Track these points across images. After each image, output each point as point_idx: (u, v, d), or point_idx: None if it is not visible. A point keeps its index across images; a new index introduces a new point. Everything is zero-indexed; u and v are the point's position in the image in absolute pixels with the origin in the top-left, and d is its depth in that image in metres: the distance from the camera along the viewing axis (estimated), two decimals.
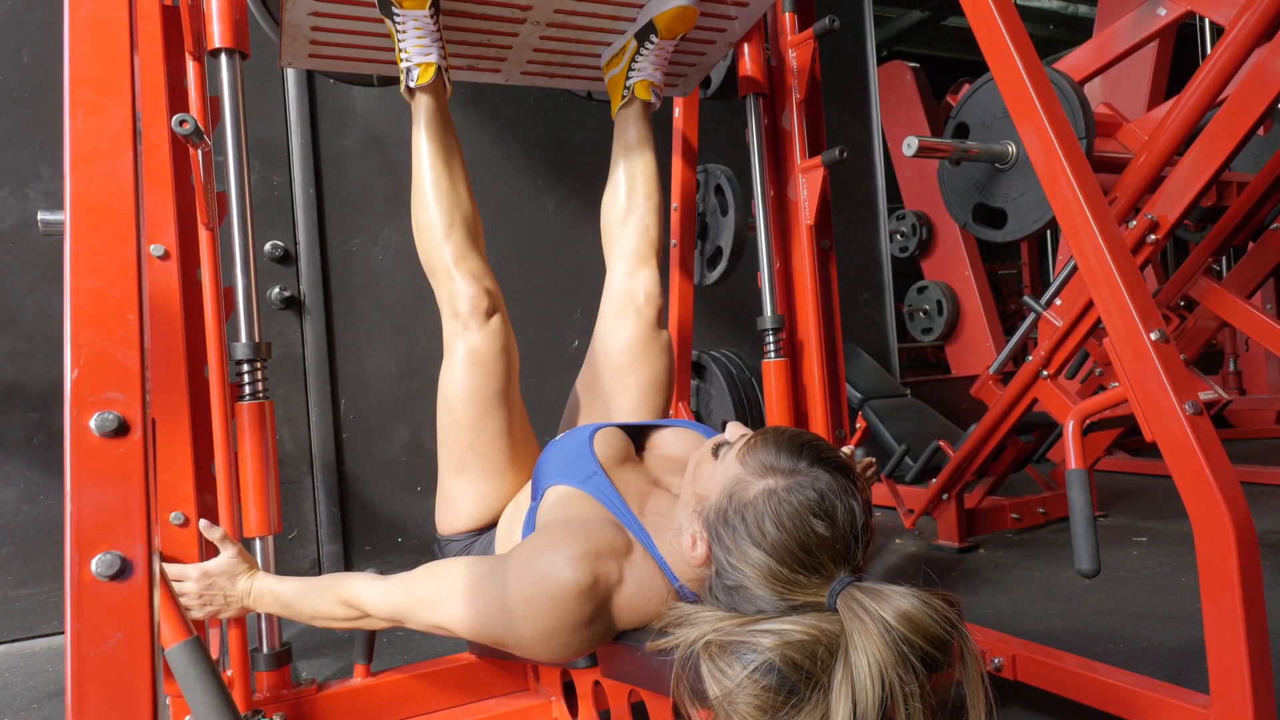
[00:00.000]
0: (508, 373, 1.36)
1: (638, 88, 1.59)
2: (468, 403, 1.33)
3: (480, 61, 1.65)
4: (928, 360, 5.85)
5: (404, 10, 1.36)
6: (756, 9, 1.63)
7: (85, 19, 0.79)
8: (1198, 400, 1.19)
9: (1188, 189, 2.16)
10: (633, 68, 1.60)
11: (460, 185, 1.43)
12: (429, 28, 1.38)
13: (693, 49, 1.73)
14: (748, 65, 1.94)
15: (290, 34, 1.49)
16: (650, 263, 1.58)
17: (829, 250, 2.00)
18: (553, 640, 1.04)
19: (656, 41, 1.55)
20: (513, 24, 1.54)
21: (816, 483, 0.93)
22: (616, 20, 1.57)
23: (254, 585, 1.33)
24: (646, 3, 1.53)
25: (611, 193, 1.64)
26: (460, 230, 1.39)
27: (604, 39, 1.63)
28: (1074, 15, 7.36)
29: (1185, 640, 1.82)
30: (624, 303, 1.55)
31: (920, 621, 0.83)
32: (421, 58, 1.40)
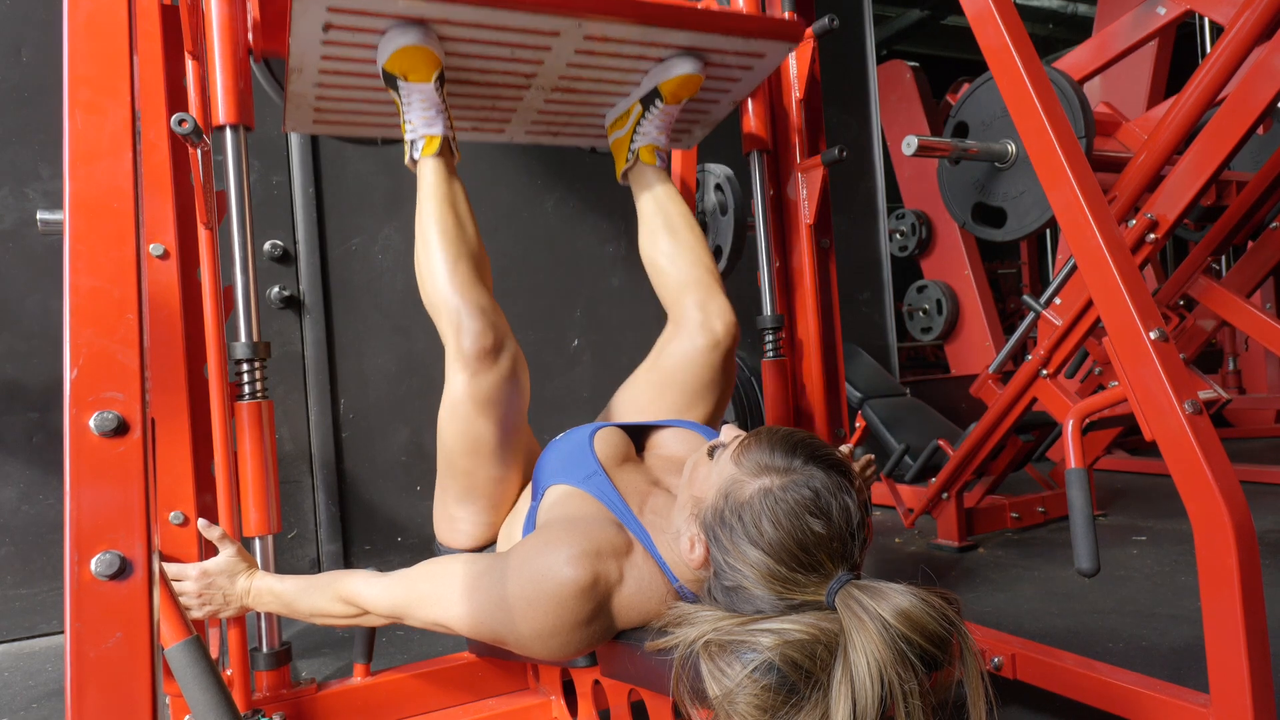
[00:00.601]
0: (516, 416, 1.27)
1: (642, 152, 1.58)
2: (468, 452, 1.26)
3: (485, 124, 1.64)
4: (927, 359, 5.85)
5: (409, 84, 1.34)
6: (763, 69, 1.60)
7: (84, 18, 0.79)
8: (1197, 399, 1.19)
9: (1187, 188, 2.16)
10: (637, 132, 1.58)
11: (467, 226, 1.35)
12: (434, 100, 1.36)
13: (698, 108, 1.71)
14: (752, 121, 1.92)
15: (295, 103, 1.49)
16: (719, 292, 1.50)
17: (828, 249, 2.00)
18: (552, 639, 1.04)
19: (661, 106, 1.54)
20: (518, 90, 1.53)
21: (812, 481, 0.93)
22: (621, 85, 1.55)
23: (253, 584, 1.33)
24: (651, 69, 1.52)
25: (649, 235, 1.59)
26: (466, 265, 1.30)
27: (608, 101, 1.61)
28: (1073, 14, 7.36)
29: (1185, 639, 1.82)
30: (697, 334, 1.46)
31: (919, 619, 0.83)
32: (426, 129, 1.36)
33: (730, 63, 1.54)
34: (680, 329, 1.49)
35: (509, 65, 1.45)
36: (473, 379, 1.22)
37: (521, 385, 1.27)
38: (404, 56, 1.32)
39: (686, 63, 1.49)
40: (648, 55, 1.47)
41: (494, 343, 1.23)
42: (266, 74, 1.63)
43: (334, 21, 1.27)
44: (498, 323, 1.25)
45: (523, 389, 1.27)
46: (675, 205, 1.58)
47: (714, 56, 1.51)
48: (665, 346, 1.50)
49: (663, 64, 1.50)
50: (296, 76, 1.41)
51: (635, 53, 1.46)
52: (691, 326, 1.47)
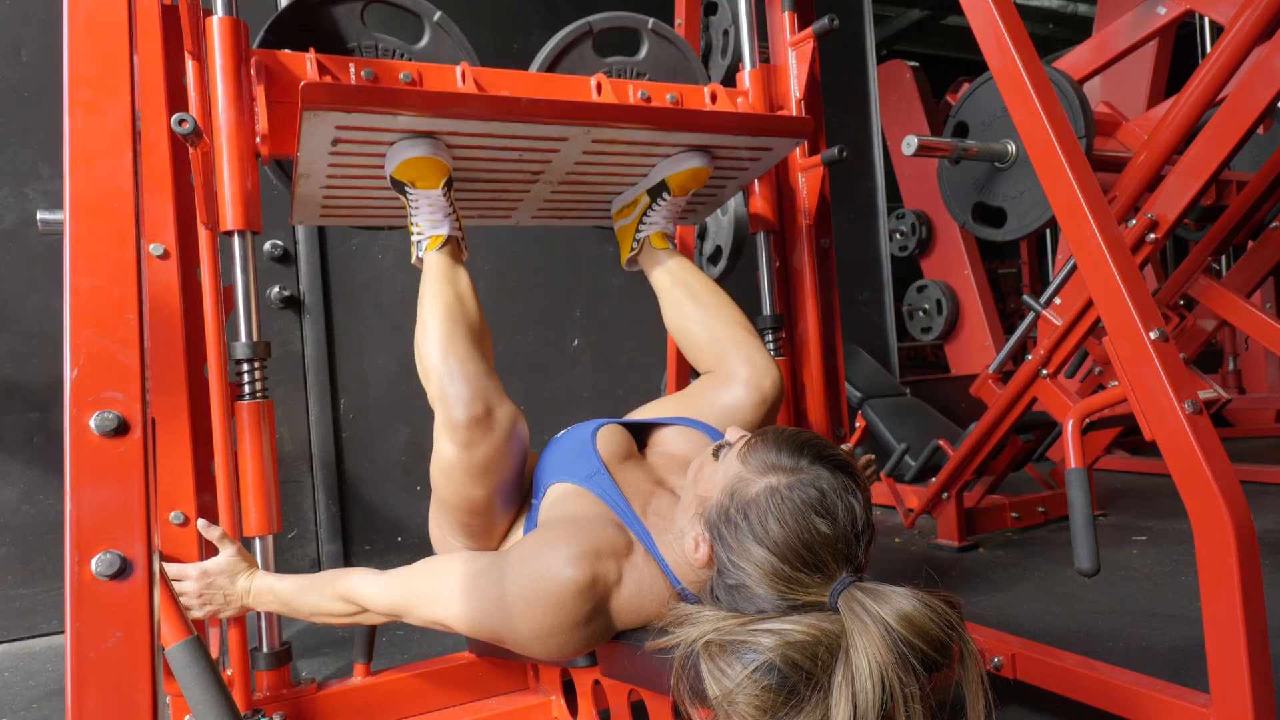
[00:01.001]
0: (509, 478, 1.23)
1: (652, 239, 1.57)
2: (461, 509, 1.23)
3: (491, 212, 1.64)
4: (927, 359, 5.86)
5: (417, 190, 1.34)
6: (769, 160, 1.59)
7: (84, 18, 0.79)
8: (1197, 399, 1.19)
9: (1187, 188, 2.16)
10: (644, 221, 1.58)
11: (469, 302, 1.31)
12: (441, 205, 1.35)
13: (704, 192, 1.71)
14: (758, 202, 1.91)
15: (302, 202, 1.50)
16: (763, 349, 1.46)
17: (828, 249, 1.99)
18: (550, 638, 1.04)
19: (669, 199, 1.53)
20: (525, 184, 1.53)
21: (818, 481, 0.93)
22: (629, 176, 1.55)
23: (253, 584, 1.33)
24: (659, 162, 1.51)
25: (675, 307, 1.54)
26: (462, 336, 1.24)
27: (615, 191, 1.61)
28: (1073, 14, 7.36)
29: (1185, 639, 1.82)
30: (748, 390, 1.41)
31: (921, 624, 0.83)
32: (433, 231, 1.36)
33: (739, 155, 1.54)
34: (727, 383, 1.43)
35: (517, 166, 1.45)
36: (464, 450, 1.16)
37: (517, 445, 1.21)
38: (412, 166, 1.31)
39: (695, 158, 1.48)
40: (655, 152, 1.47)
41: (483, 411, 1.15)
42: (276, 170, 1.64)
43: (343, 136, 1.27)
44: (488, 391, 1.18)
45: (519, 448, 1.22)
46: (692, 274, 1.56)
47: (722, 151, 1.51)
48: (707, 394, 1.44)
49: (671, 158, 1.49)
50: (304, 181, 1.42)
51: (643, 151, 1.46)
52: (739, 382, 1.42)
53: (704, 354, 1.50)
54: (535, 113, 1.29)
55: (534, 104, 1.29)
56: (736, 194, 1.77)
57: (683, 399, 1.47)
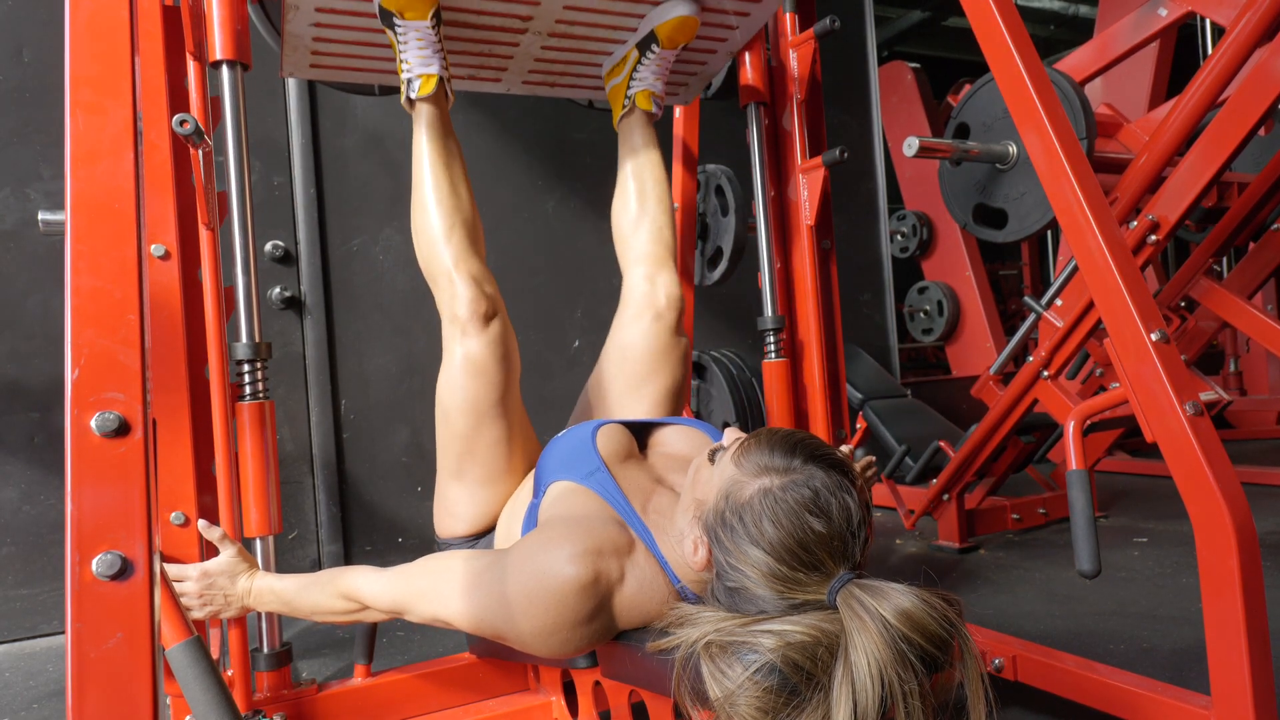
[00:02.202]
0: (507, 380, 1.34)
1: (639, 97, 1.59)
2: (465, 411, 1.31)
3: (481, 71, 1.65)
4: (928, 361, 5.85)
5: (405, 21, 1.35)
6: (758, 18, 1.62)
7: (86, 19, 0.79)
8: (1198, 401, 1.19)
9: (1188, 189, 2.16)
10: (634, 78, 1.59)
11: (461, 190, 1.41)
12: (430, 38, 1.37)
13: (694, 58, 1.72)
14: (749, 73, 1.94)
15: (291, 44, 1.49)
16: (668, 266, 1.56)
17: (829, 250, 2.00)
18: (552, 637, 1.04)
19: (658, 51, 1.55)
20: (514, 34, 1.54)
21: (811, 480, 0.93)
22: (618, 30, 1.56)
23: (254, 584, 1.33)
24: (648, 13, 1.53)
25: (621, 199, 1.64)
26: (460, 233, 1.37)
27: (605, 49, 1.62)
28: (1075, 15, 7.36)
29: (1186, 641, 1.82)
30: (643, 307, 1.53)
31: (919, 620, 0.83)
32: (423, 69, 1.39)
33: (726, 7, 1.55)
34: (627, 303, 1.56)
35: (505, 6, 1.46)
36: (465, 340, 1.30)
37: (511, 352, 1.34)
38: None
39: (682, 5, 1.50)
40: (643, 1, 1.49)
41: (487, 309, 1.32)
42: (263, 17, 1.63)
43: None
44: (489, 291, 1.34)
45: (512, 355, 1.35)
46: (652, 173, 1.61)
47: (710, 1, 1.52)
48: (616, 322, 1.56)
49: (659, 7, 1.51)
50: (293, 14, 1.41)
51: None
52: (637, 297, 1.54)
53: (623, 257, 1.61)
54: None
55: None
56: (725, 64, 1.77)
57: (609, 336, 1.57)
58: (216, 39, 1.39)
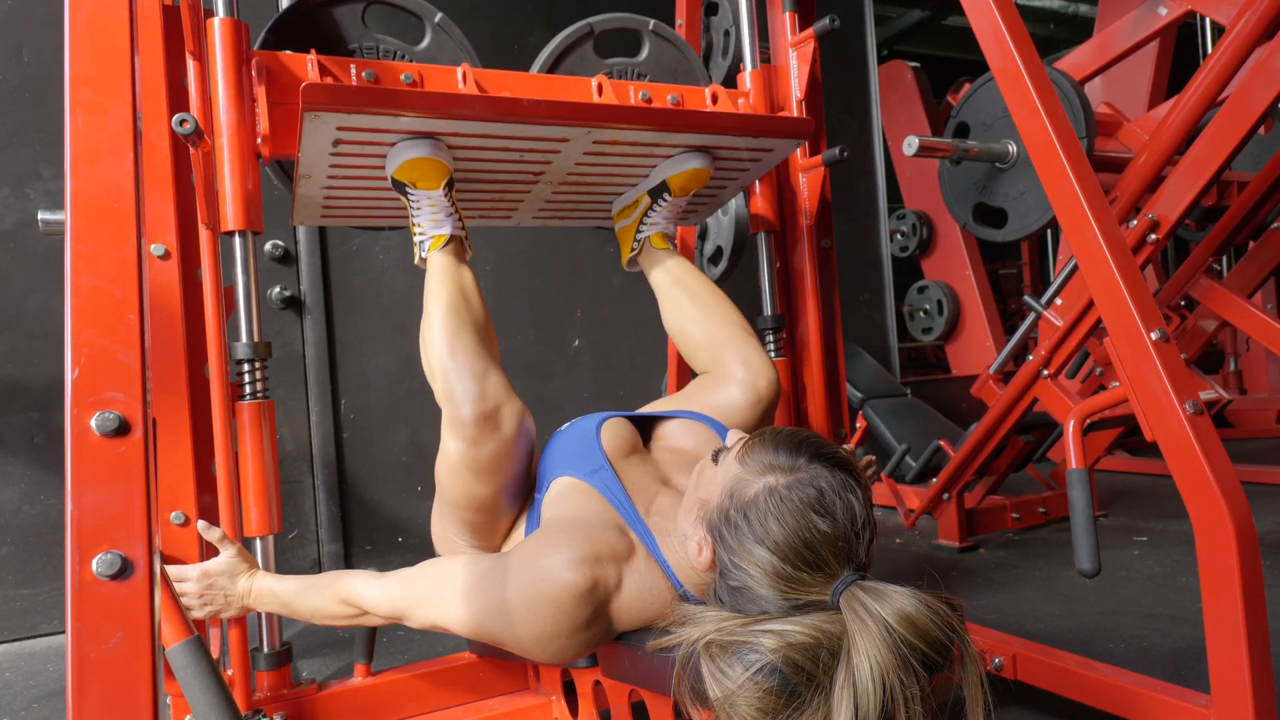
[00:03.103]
0: (514, 475, 1.22)
1: (652, 239, 1.57)
2: (467, 506, 1.22)
3: (492, 212, 1.64)
4: (928, 360, 5.85)
5: (418, 191, 1.34)
6: (770, 161, 1.59)
7: (85, 19, 0.79)
8: (1198, 400, 1.19)
9: (1188, 188, 2.16)
10: (644, 222, 1.58)
11: (474, 300, 1.32)
12: (443, 204, 1.35)
13: (705, 193, 1.71)
14: (759, 203, 1.90)
15: (303, 203, 1.50)
16: (760, 349, 1.46)
17: (829, 250, 1.99)
18: (551, 642, 1.04)
19: (670, 199, 1.54)
20: (526, 184, 1.53)
21: (817, 479, 0.93)
22: (629, 177, 1.55)
23: (254, 584, 1.33)
24: (660, 163, 1.51)
25: (674, 307, 1.55)
26: (469, 334, 1.24)
27: (616, 191, 1.61)
28: (1075, 14, 7.36)
29: (1186, 640, 1.82)
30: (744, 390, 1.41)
31: (922, 624, 0.83)
32: (435, 231, 1.36)
33: (740, 157, 1.54)
34: (723, 383, 1.43)
35: (518, 167, 1.45)
36: (471, 448, 1.15)
37: (525, 442, 1.21)
38: (413, 167, 1.31)
39: (695, 159, 1.48)
40: (656, 153, 1.48)
41: (491, 408, 1.16)
42: (277, 171, 1.64)
43: (344, 137, 1.28)
44: (496, 388, 1.18)
45: (526, 445, 1.22)
46: (691, 274, 1.56)
47: (723, 152, 1.51)
48: (704, 394, 1.44)
49: (672, 159, 1.49)
50: (305, 182, 1.42)
51: (644, 152, 1.46)
52: (734, 382, 1.42)
53: (701, 354, 1.50)
54: (536, 114, 1.29)
55: (535, 105, 1.29)
56: (737, 194, 1.76)
57: (680, 400, 1.46)
58: (229, 210, 1.35)
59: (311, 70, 1.41)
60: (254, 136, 1.38)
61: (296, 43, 1.46)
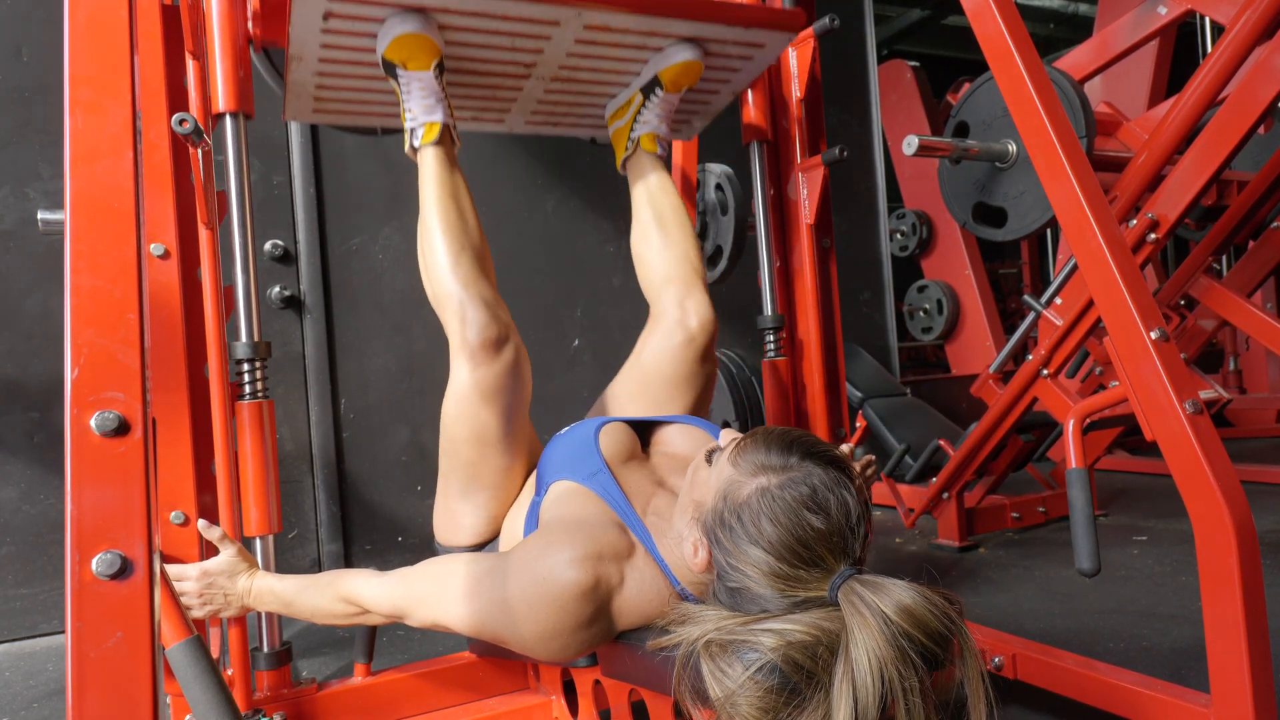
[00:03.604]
0: (518, 405, 1.29)
1: (643, 140, 1.59)
2: (472, 442, 1.27)
3: (484, 113, 1.64)
4: (928, 359, 5.85)
5: (408, 71, 1.35)
6: (763, 59, 1.61)
7: (85, 18, 0.79)
8: (1198, 399, 1.19)
9: (1188, 188, 2.16)
10: (638, 120, 1.59)
11: (469, 218, 1.37)
12: (433, 88, 1.36)
13: (698, 98, 1.71)
14: (751, 112, 1.91)
15: (295, 92, 1.50)
16: (699, 288, 1.52)
17: (829, 249, 1.99)
18: (553, 640, 1.04)
19: (662, 95, 1.55)
20: (518, 79, 1.53)
21: (809, 477, 0.93)
22: (622, 74, 1.56)
23: (254, 584, 1.33)
24: (651, 57, 1.52)
25: (640, 230, 1.60)
26: (469, 258, 1.32)
27: (609, 91, 1.62)
28: (1074, 14, 7.36)
29: (1186, 639, 1.82)
30: (674, 328, 1.49)
31: (920, 616, 0.83)
32: (426, 117, 1.37)
33: (730, 52, 1.55)
34: (658, 324, 1.51)
35: (509, 55, 1.46)
36: (476, 369, 1.24)
37: (524, 377, 1.29)
38: (403, 44, 1.32)
39: (686, 50, 1.49)
40: (648, 45, 1.48)
41: (498, 335, 1.25)
42: (266, 64, 1.63)
43: (334, 10, 1.28)
44: (501, 315, 1.28)
45: (525, 381, 1.30)
46: (668, 199, 1.59)
47: (714, 46, 1.52)
48: (645, 342, 1.52)
49: (663, 52, 1.51)
50: (296, 65, 1.41)
51: (635, 42, 1.47)
52: (669, 321, 1.50)
53: (650, 284, 1.57)
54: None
55: None
56: (729, 101, 1.76)
57: (634, 352, 1.53)
58: (220, 92, 1.37)
59: None
60: (244, 19, 1.39)
61: None
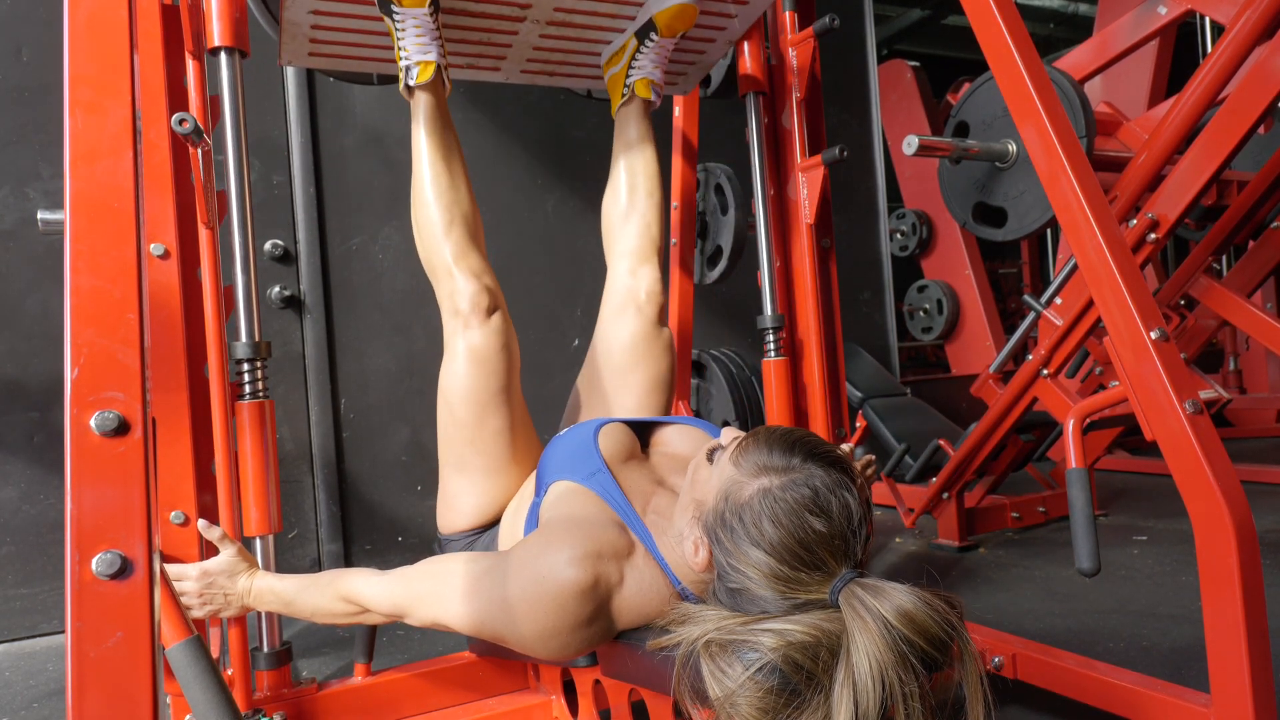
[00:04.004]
0: (508, 370, 1.35)
1: (638, 85, 1.59)
2: (468, 401, 1.32)
3: (480, 60, 1.65)
4: (928, 359, 5.85)
5: (403, 9, 1.36)
6: (756, 7, 1.62)
7: (85, 18, 0.78)
8: (1198, 399, 1.19)
9: (1188, 188, 2.16)
10: (633, 66, 1.59)
11: (460, 183, 1.42)
12: (428, 26, 1.38)
13: (693, 47, 1.72)
14: (748, 63, 1.94)
15: (290, 32, 1.49)
16: (652, 260, 1.58)
17: (829, 249, 1.99)
18: (552, 639, 1.04)
19: (656, 39, 1.55)
20: (512, 22, 1.54)
21: (811, 479, 0.93)
22: (616, 19, 1.56)
23: (254, 584, 1.33)
24: (646, 1, 1.52)
25: (613, 191, 1.64)
26: (460, 227, 1.38)
27: (604, 37, 1.62)
28: (1074, 14, 7.36)
29: (1185, 639, 1.82)
30: (625, 300, 1.55)
31: (921, 621, 0.82)
32: (420, 56, 1.39)
33: None
34: (609, 298, 1.57)
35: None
36: (468, 332, 1.32)
37: (512, 345, 1.36)
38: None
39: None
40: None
41: (488, 303, 1.34)
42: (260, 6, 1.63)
43: None
44: (491, 285, 1.36)
45: (513, 349, 1.36)
46: (645, 167, 1.61)
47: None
48: (599, 318, 1.58)
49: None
50: (292, 1, 1.41)
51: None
52: (619, 291, 1.56)
53: (610, 245, 1.62)
54: None
55: None
56: (724, 53, 1.77)
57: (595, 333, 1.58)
58: (215, 26, 1.39)
59: None
60: None
61: None
